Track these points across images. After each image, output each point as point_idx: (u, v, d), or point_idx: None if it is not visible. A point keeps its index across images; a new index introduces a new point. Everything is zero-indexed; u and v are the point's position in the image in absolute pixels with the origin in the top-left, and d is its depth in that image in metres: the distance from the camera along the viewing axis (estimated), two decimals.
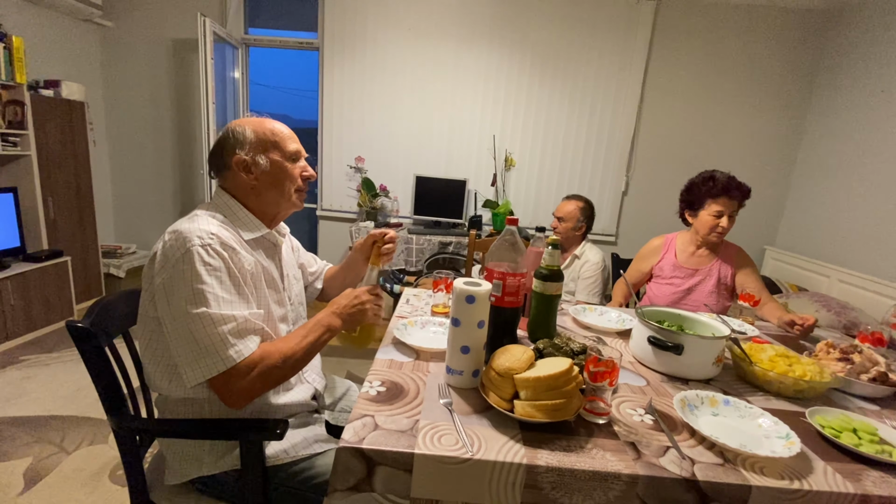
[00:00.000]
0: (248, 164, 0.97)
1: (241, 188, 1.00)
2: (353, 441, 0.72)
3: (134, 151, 3.66)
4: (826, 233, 3.08)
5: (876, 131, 2.78)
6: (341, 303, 1.00)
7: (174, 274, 0.84)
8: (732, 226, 1.74)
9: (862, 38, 2.96)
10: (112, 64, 3.52)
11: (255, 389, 0.86)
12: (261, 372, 0.85)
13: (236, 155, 0.97)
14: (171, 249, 0.85)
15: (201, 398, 0.94)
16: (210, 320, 0.82)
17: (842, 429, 0.87)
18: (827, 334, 1.62)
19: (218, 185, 1.03)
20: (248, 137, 0.98)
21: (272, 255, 1.07)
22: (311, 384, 1.12)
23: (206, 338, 0.82)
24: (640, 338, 1.14)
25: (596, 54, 3.36)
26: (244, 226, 0.99)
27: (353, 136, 3.58)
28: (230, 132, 0.99)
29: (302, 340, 0.92)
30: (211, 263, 0.85)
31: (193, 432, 0.91)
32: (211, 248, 0.86)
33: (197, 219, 0.91)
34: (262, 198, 1.01)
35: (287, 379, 0.94)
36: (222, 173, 1.01)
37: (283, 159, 1.00)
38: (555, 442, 0.77)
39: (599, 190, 3.58)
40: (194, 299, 0.82)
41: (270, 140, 0.99)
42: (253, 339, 0.87)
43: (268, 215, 1.04)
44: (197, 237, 0.86)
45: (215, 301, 0.84)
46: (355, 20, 3.38)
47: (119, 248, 3.48)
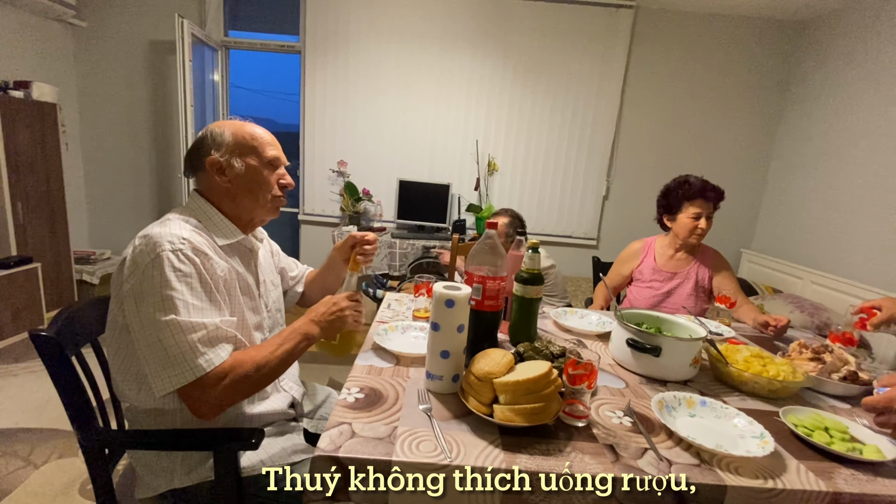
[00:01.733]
0: (221, 166, 0.95)
1: (216, 191, 0.98)
2: (329, 450, 0.70)
3: (109, 155, 3.56)
4: (799, 236, 3.17)
5: (845, 139, 2.87)
6: (319, 310, 0.98)
7: (143, 280, 0.81)
8: (710, 228, 1.77)
9: (830, 49, 3.07)
10: (86, 65, 3.44)
11: (225, 400, 0.83)
12: (232, 381, 0.83)
13: (211, 156, 0.94)
14: (141, 255, 0.82)
15: (172, 408, 0.90)
16: (179, 328, 0.80)
17: (814, 427, 0.89)
18: (800, 335, 1.66)
19: (193, 188, 1.01)
20: (225, 139, 0.96)
21: (248, 261, 1.05)
22: (288, 392, 1.10)
23: (174, 346, 0.79)
24: (619, 340, 1.15)
25: (576, 61, 3.41)
26: (218, 231, 0.97)
27: (335, 140, 3.56)
28: (208, 133, 0.97)
29: (277, 349, 0.89)
30: (181, 269, 0.83)
31: (164, 444, 0.89)
32: (182, 253, 0.83)
33: (169, 223, 0.88)
34: (237, 202, 0.98)
35: (260, 388, 0.91)
36: (196, 174, 0.99)
37: (259, 165, 0.98)
38: (534, 446, 0.77)
39: (581, 194, 3.62)
40: (163, 306, 0.80)
41: (249, 144, 0.97)
42: (224, 347, 0.85)
43: (243, 220, 1.02)
44: (168, 242, 0.83)
45: (185, 308, 0.81)
46: (337, 24, 3.36)
47: (93, 254, 3.38)
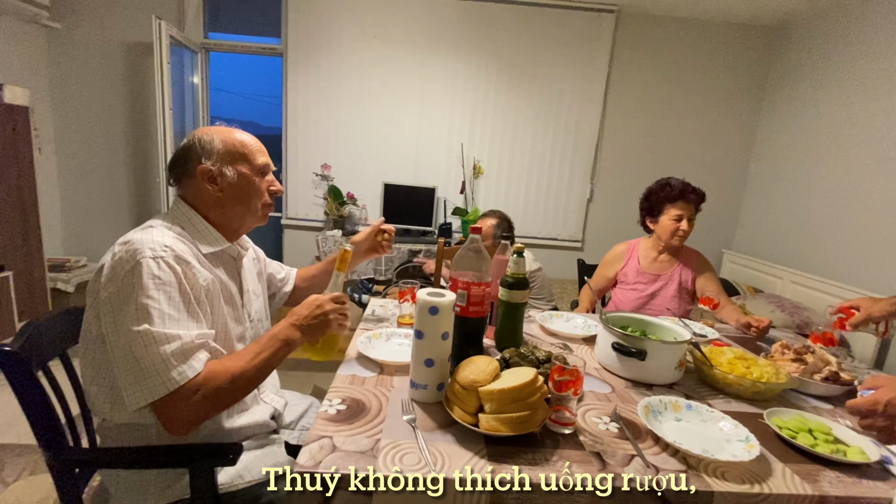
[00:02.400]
0: (213, 174, 0.93)
1: (204, 199, 0.95)
2: (309, 465, 0.68)
3: (84, 159, 3.46)
4: (778, 237, 3.23)
5: (821, 142, 2.94)
6: (301, 312, 0.93)
7: (121, 287, 0.78)
8: (692, 229, 1.79)
9: (805, 54, 3.14)
10: (60, 67, 3.33)
11: (199, 414, 0.79)
12: (206, 395, 0.79)
13: (202, 164, 0.92)
14: (121, 262, 0.80)
15: (147, 423, 0.87)
16: (152, 339, 0.76)
17: (798, 429, 0.89)
18: (781, 334, 1.68)
19: (177, 194, 0.97)
20: (215, 147, 0.93)
21: (231, 270, 1.02)
22: (269, 404, 1.07)
23: (146, 358, 0.76)
24: (604, 344, 1.14)
25: (560, 64, 3.43)
26: (203, 239, 0.94)
27: (318, 144, 3.51)
28: (196, 140, 0.94)
29: (254, 358, 0.85)
30: (161, 277, 0.80)
31: (137, 461, 0.85)
32: (163, 260, 0.81)
33: (151, 230, 0.86)
34: (226, 211, 0.96)
35: (238, 400, 0.88)
36: (183, 182, 0.95)
37: (251, 172, 0.96)
38: (520, 455, 0.76)
39: (566, 197, 3.63)
40: (137, 315, 0.77)
41: (239, 151, 0.95)
42: (199, 359, 0.81)
43: (230, 229, 0.99)
44: (149, 248, 0.81)
45: (160, 318, 0.78)
46: (319, 26, 3.33)
47: (68, 262, 3.27)
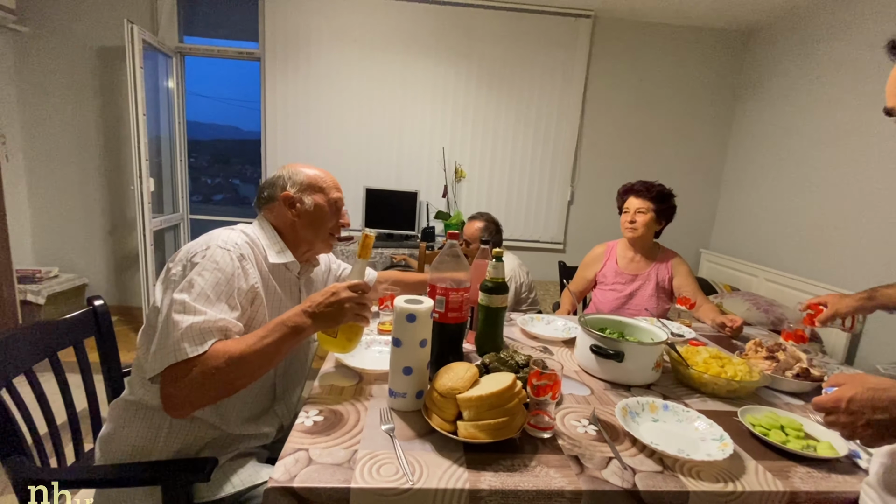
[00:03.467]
0: (294, 200, 1.06)
1: (282, 221, 1.07)
2: (283, 480, 0.67)
3: (55, 167, 3.36)
4: (753, 236, 3.31)
5: (792, 143, 3.02)
6: (316, 299, 0.90)
7: (187, 265, 0.87)
8: (649, 223, 1.82)
9: (776, 57, 3.23)
10: (28, 73, 3.23)
11: (193, 393, 0.78)
12: (202, 371, 0.78)
13: (286, 191, 1.06)
14: (196, 245, 0.91)
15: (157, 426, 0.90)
16: (183, 307, 0.81)
17: (770, 426, 0.91)
18: (756, 332, 1.72)
19: (260, 214, 1.10)
20: (298, 178, 1.08)
21: (292, 286, 1.10)
22: (279, 417, 1.07)
23: (172, 326, 0.80)
24: (583, 346, 1.15)
25: (539, 69, 3.46)
26: (273, 248, 1.04)
27: (298, 148, 3.47)
28: (284, 172, 1.09)
29: (257, 342, 0.83)
30: (219, 263, 0.88)
31: (105, 481, 0.82)
32: (229, 253, 0.91)
33: (231, 231, 0.99)
34: (298, 233, 1.07)
35: (236, 385, 0.83)
36: (268, 205, 1.08)
37: (325, 204, 1.08)
38: (499, 462, 0.76)
39: (547, 200, 3.66)
40: (184, 286, 0.84)
41: (318, 185, 1.09)
42: (214, 339, 0.82)
43: (299, 249, 1.09)
44: (222, 240, 0.93)
45: (199, 294, 0.84)
46: (298, 30, 3.30)
47: (38, 272, 3.17)
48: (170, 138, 3.51)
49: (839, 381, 0.69)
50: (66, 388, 1.05)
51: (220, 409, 0.94)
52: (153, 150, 3.17)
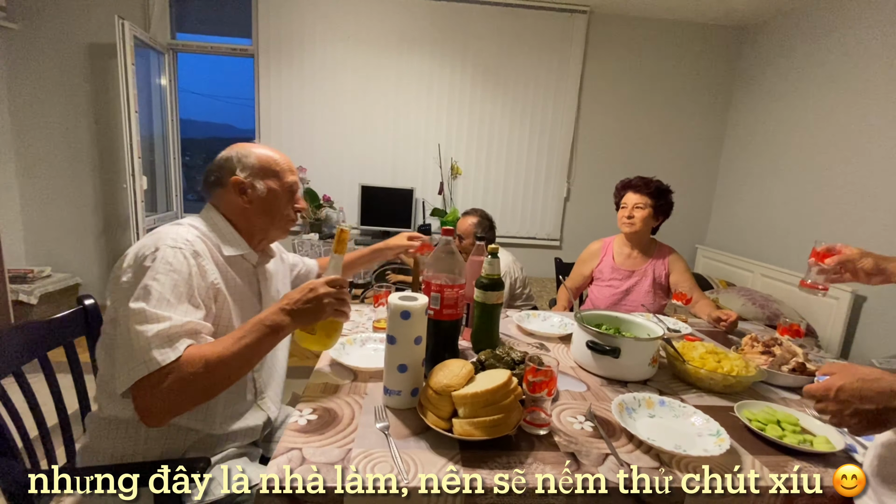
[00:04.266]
0: (244, 186, 0.98)
1: (233, 208, 1.00)
2: (275, 482, 0.66)
3: (46, 166, 3.32)
4: (748, 231, 3.32)
5: (787, 139, 3.03)
6: (293, 296, 0.87)
7: (138, 271, 0.82)
8: (647, 219, 1.82)
9: (771, 53, 3.24)
10: (18, 70, 3.19)
11: (171, 402, 0.75)
12: (178, 378, 0.75)
13: (235, 176, 0.98)
14: (144, 248, 0.84)
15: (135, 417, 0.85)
16: (143, 317, 0.77)
17: (767, 421, 0.91)
18: (752, 327, 1.72)
19: (208, 202, 1.03)
20: (249, 161, 1.00)
21: (250, 277, 1.04)
22: (264, 412, 1.04)
23: (136, 337, 0.76)
24: (580, 342, 1.14)
25: (534, 65, 3.45)
26: (226, 241, 0.98)
27: (292, 145, 3.45)
28: (233, 153, 1.01)
29: (235, 343, 0.80)
30: (173, 264, 0.83)
31: (96, 483, 0.81)
32: (181, 251, 0.85)
33: (178, 226, 0.92)
34: (252, 221, 1.01)
35: (215, 390, 0.81)
36: (216, 191, 1.01)
37: (279, 188, 1.02)
38: (494, 460, 0.75)
39: (543, 196, 3.66)
40: (140, 294, 0.79)
41: (272, 169, 1.01)
42: (184, 344, 0.78)
43: (254, 238, 1.04)
44: (171, 239, 0.86)
45: (158, 300, 0.79)
46: (291, 27, 3.27)
47: (30, 272, 3.14)
48: (163, 136, 3.48)
49: (831, 370, 0.70)
50: (57, 389, 1.03)
51: (200, 412, 0.91)
52: (146, 148, 3.14)
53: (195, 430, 0.91)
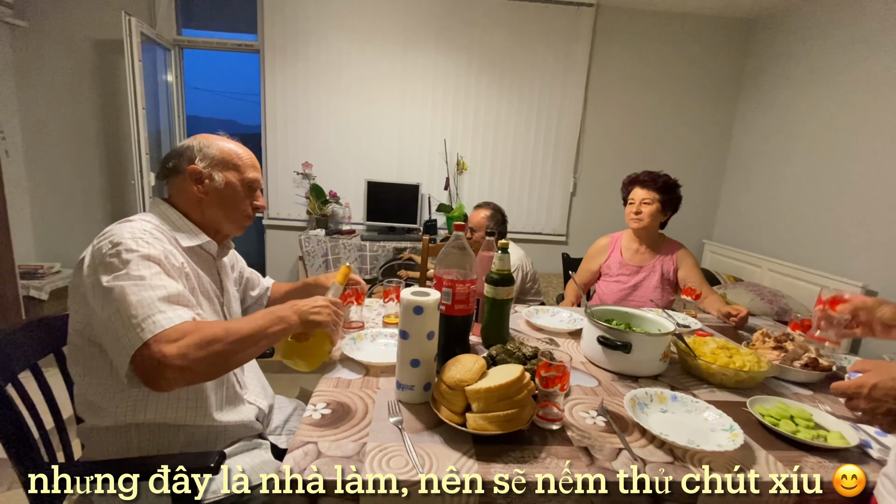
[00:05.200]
0: (201, 176, 0.96)
1: (186, 198, 0.97)
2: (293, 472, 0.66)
3: (55, 162, 3.34)
4: (756, 226, 3.30)
5: (796, 133, 3.00)
6: (302, 303, 0.91)
7: (108, 265, 0.79)
8: (655, 214, 1.80)
9: (781, 46, 3.20)
10: (26, 67, 3.21)
11: (189, 356, 0.73)
12: (198, 337, 0.75)
13: (193, 165, 0.96)
14: (102, 246, 0.81)
15: (126, 424, 0.87)
16: (137, 288, 0.76)
17: (780, 416, 0.90)
18: (761, 322, 1.71)
19: (158, 196, 1.02)
20: (211, 152, 0.97)
21: (210, 268, 1.03)
22: (253, 404, 1.05)
23: (134, 306, 0.74)
24: (590, 338, 1.14)
25: (540, 59, 3.43)
26: (181, 232, 0.95)
27: (298, 141, 3.46)
28: (195, 143, 0.98)
29: (250, 322, 0.83)
30: (142, 250, 0.81)
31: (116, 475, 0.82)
32: (143, 240, 0.83)
33: (130, 222, 0.88)
34: (206, 213, 0.99)
35: (228, 357, 0.79)
36: (171, 179, 0.98)
37: (238, 182, 1.00)
38: (508, 454, 0.75)
39: (549, 191, 3.65)
40: (125, 275, 0.77)
41: (232, 161, 0.99)
42: (186, 311, 0.79)
43: (209, 230, 1.01)
44: (128, 233, 0.83)
45: (149, 275, 0.79)
46: (297, 22, 3.27)
47: (40, 268, 3.17)
48: (170, 132, 3.49)
49: (864, 367, 0.69)
50: (71, 383, 1.04)
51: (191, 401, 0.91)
52: (153, 144, 3.15)
53: (186, 427, 0.91)
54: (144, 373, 0.74)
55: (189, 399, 0.91)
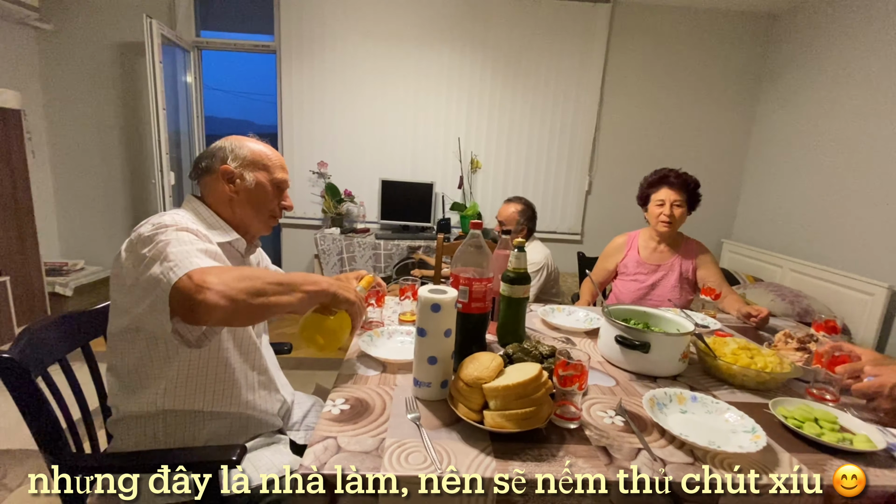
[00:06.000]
0: (233, 175, 1.00)
1: (218, 197, 1.01)
2: (314, 467, 0.67)
3: (79, 162, 3.44)
4: (777, 225, 3.23)
5: (818, 130, 2.93)
6: (336, 280, 0.96)
7: (144, 241, 0.81)
8: (682, 216, 1.78)
9: (802, 41, 3.12)
10: (52, 69, 3.30)
11: (229, 284, 0.75)
12: (236, 272, 0.79)
13: (225, 164, 1.00)
14: (142, 231, 0.84)
15: (154, 412, 0.90)
16: (177, 243, 0.80)
17: (804, 419, 0.88)
18: (783, 323, 1.68)
19: (191, 194, 1.04)
20: (241, 153, 1.01)
21: (237, 264, 1.05)
22: (281, 393, 1.10)
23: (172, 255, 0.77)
24: (607, 337, 1.13)
25: (556, 56, 3.41)
26: (213, 229, 0.98)
27: (314, 141, 3.49)
28: (227, 143, 1.02)
29: (286, 274, 0.89)
30: (180, 225, 0.85)
31: (141, 466, 0.84)
32: (181, 222, 0.87)
33: (167, 214, 0.91)
34: (236, 212, 1.02)
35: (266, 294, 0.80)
36: (203, 178, 1.02)
37: (268, 183, 1.03)
38: (526, 452, 0.75)
39: (564, 190, 3.62)
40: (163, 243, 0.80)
41: (263, 162, 1.03)
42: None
43: (238, 229, 1.04)
44: (168, 217, 0.87)
45: (188, 239, 0.83)
46: (312, 22, 3.30)
47: (65, 265, 3.26)
48: (188, 132, 3.56)
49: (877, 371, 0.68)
50: (98, 376, 1.08)
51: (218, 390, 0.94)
52: (173, 144, 3.22)
53: (214, 416, 0.94)
54: (184, 301, 0.74)
55: (218, 382, 0.94)
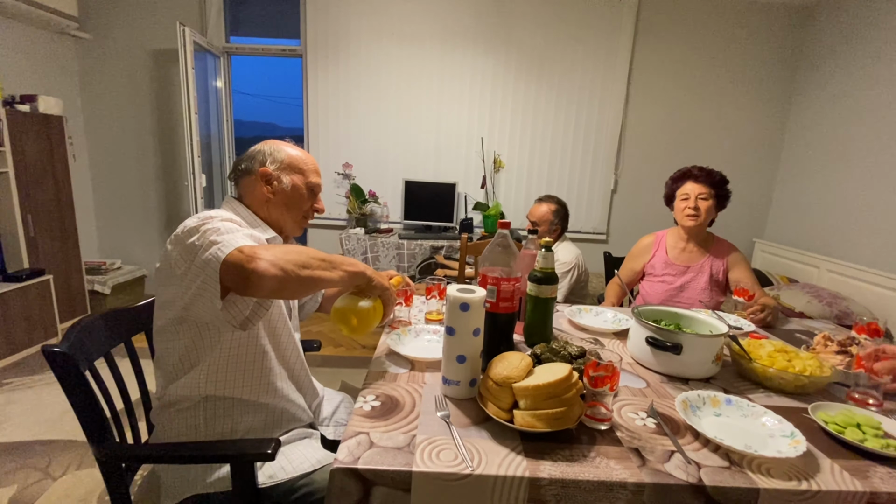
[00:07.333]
0: (271, 177, 1.05)
1: (256, 198, 1.06)
2: (348, 461, 0.69)
3: (116, 165, 3.58)
4: (812, 224, 3.11)
5: (857, 124, 2.81)
6: (378, 273, 1.04)
7: (190, 231, 0.85)
8: (710, 210, 1.73)
9: (839, 34, 3.00)
10: (91, 77, 3.45)
11: (277, 255, 0.81)
12: (282, 248, 0.84)
13: (264, 167, 1.04)
14: (190, 223, 0.87)
15: (195, 399, 0.93)
16: (223, 230, 0.84)
17: (846, 424, 0.86)
18: (822, 325, 1.62)
19: (230, 195, 1.10)
20: (279, 156, 1.06)
21: None
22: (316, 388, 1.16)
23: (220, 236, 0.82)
24: (637, 338, 1.12)
25: (580, 54, 3.37)
26: (253, 227, 1.02)
27: (339, 143, 3.54)
28: (265, 147, 1.08)
29: (328, 254, 0.93)
30: (224, 216, 0.90)
31: (180, 457, 0.87)
32: (224, 217, 0.91)
33: (215, 210, 0.96)
34: (272, 212, 1.07)
35: (311, 267, 0.86)
36: (242, 179, 1.07)
37: (303, 186, 1.08)
38: (557, 452, 0.75)
39: (588, 189, 3.58)
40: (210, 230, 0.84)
41: (299, 166, 1.08)
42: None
43: (274, 229, 1.09)
44: (214, 212, 0.91)
45: (233, 228, 0.87)
46: (338, 26, 3.35)
47: (103, 264, 3.40)
48: (219, 136, 3.66)
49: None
50: (140, 370, 1.12)
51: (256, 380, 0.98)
52: (204, 147, 3.32)
53: (252, 406, 0.97)
54: (237, 272, 0.78)
55: (256, 369, 0.97)
